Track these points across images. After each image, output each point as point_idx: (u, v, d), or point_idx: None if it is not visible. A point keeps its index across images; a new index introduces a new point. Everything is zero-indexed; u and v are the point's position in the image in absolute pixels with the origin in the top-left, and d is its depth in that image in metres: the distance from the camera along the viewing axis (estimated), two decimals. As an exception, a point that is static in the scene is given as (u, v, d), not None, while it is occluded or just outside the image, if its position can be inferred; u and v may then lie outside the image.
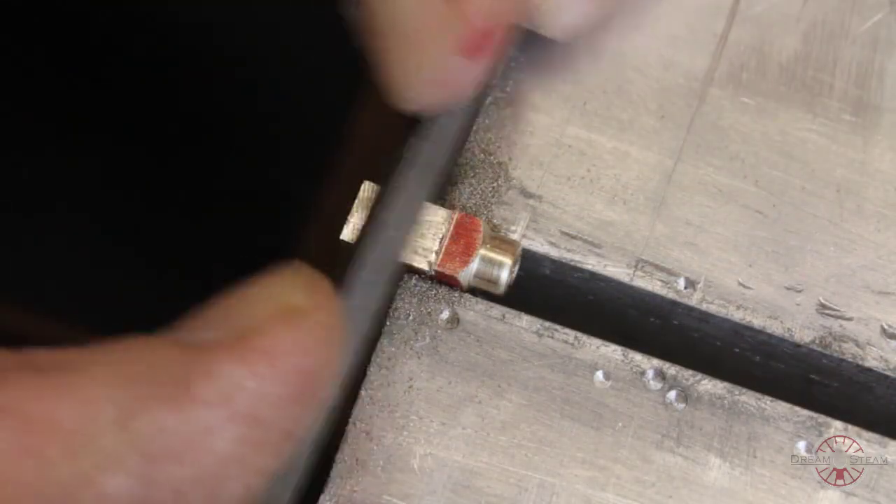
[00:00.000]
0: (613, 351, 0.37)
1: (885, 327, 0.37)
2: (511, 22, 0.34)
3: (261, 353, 0.26)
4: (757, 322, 0.37)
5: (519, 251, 0.37)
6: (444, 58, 0.33)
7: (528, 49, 0.40)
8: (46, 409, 0.24)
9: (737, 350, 0.39)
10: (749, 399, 0.36)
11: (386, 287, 0.34)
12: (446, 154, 0.37)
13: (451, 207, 0.38)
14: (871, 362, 0.37)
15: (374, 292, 0.33)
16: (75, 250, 0.76)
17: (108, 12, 0.77)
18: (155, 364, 0.25)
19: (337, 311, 0.28)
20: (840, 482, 0.35)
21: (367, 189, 0.36)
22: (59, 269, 0.75)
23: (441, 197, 0.38)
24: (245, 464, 0.26)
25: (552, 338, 0.37)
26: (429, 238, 0.36)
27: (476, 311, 0.37)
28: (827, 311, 0.38)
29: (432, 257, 0.36)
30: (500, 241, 0.36)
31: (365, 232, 0.34)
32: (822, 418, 0.36)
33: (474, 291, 0.37)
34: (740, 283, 0.38)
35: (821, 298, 0.38)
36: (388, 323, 0.37)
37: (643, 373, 0.36)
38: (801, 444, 0.36)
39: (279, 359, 0.26)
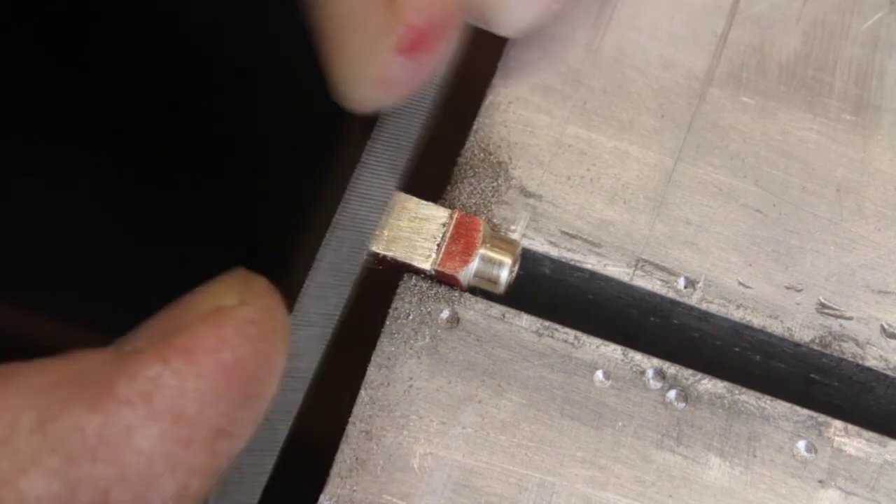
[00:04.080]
0: (613, 350, 0.37)
1: (885, 327, 0.37)
2: (455, 19, 0.33)
3: (179, 351, 0.26)
4: (757, 321, 0.37)
5: (519, 250, 0.37)
6: (383, 56, 0.32)
7: (528, 49, 0.40)
8: None
9: (737, 349, 0.39)
10: (749, 398, 0.36)
11: (347, 288, 0.34)
12: (410, 144, 0.36)
13: (451, 207, 0.38)
14: (871, 362, 0.37)
15: (333, 294, 0.34)
16: (76, 253, 0.76)
17: (112, 6, 0.77)
18: (80, 371, 0.26)
19: (270, 308, 0.28)
20: (840, 482, 0.35)
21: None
22: (67, 271, 0.75)
23: (440, 196, 0.38)
24: (175, 462, 0.26)
25: (552, 337, 0.37)
26: (429, 238, 0.36)
27: (476, 311, 0.37)
28: (827, 311, 0.38)
29: (432, 257, 0.36)
30: (500, 240, 0.36)
31: (322, 232, 0.34)
32: (822, 418, 0.36)
33: (474, 291, 0.37)
34: (740, 283, 0.38)
35: (821, 298, 0.38)
36: (387, 323, 0.37)
37: (643, 372, 0.36)
38: (801, 444, 0.36)
39: (199, 355, 0.26)
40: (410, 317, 0.37)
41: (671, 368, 0.36)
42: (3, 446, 0.25)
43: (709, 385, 0.36)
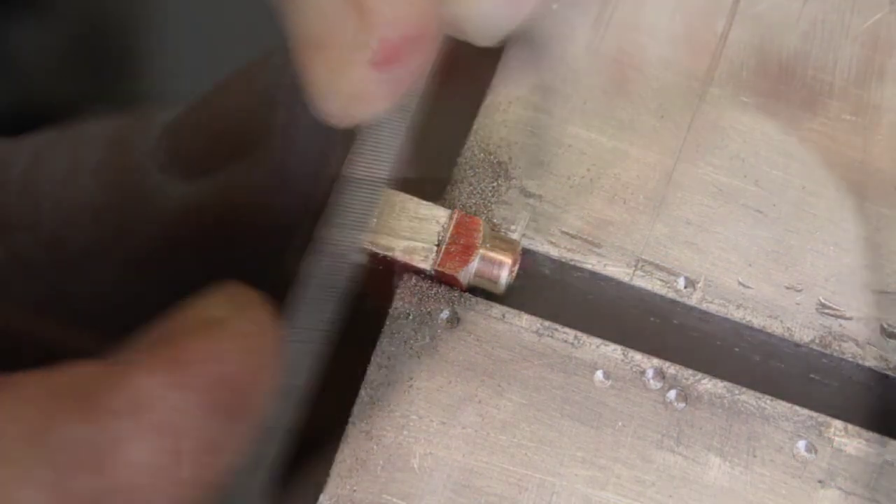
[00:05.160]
0: (613, 350, 0.37)
1: (885, 327, 0.37)
2: (431, 32, 0.32)
3: (169, 362, 0.26)
4: (757, 321, 0.37)
5: (519, 250, 0.37)
6: (357, 71, 0.31)
7: (528, 49, 0.40)
8: None
9: (737, 349, 0.39)
10: (749, 398, 0.36)
11: (336, 303, 0.34)
12: (392, 157, 0.35)
13: (451, 207, 0.38)
14: (870, 362, 0.37)
15: (322, 309, 0.33)
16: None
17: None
18: (73, 382, 0.26)
19: (263, 321, 0.28)
20: (840, 482, 0.35)
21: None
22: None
23: (440, 196, 0.38)
24: (168, 475, 0.26)
25: (552, 337, 0.37)
26: (429, 238, 0.36)
27: (476, 311, 0.37)
28: (827, 311, 0.38)
29: (432, 257, 0.36)
30: (500, 240, 0.36)
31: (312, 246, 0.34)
32: (822, 418, 0.36)
33: (474, 291, 0.37)
34: (740, 283, 0.38)
35: (820, 298, 0.38)
36: (387, 323, 0.37)
37: (643, 372, 0.36)
38: (801, 444, 0.36)
39: (189, 367, 0.26)
40: (410, 317, 0.37)
41: (671, 368, 0.36)
42: None
43: (709, 385, 0.36)
